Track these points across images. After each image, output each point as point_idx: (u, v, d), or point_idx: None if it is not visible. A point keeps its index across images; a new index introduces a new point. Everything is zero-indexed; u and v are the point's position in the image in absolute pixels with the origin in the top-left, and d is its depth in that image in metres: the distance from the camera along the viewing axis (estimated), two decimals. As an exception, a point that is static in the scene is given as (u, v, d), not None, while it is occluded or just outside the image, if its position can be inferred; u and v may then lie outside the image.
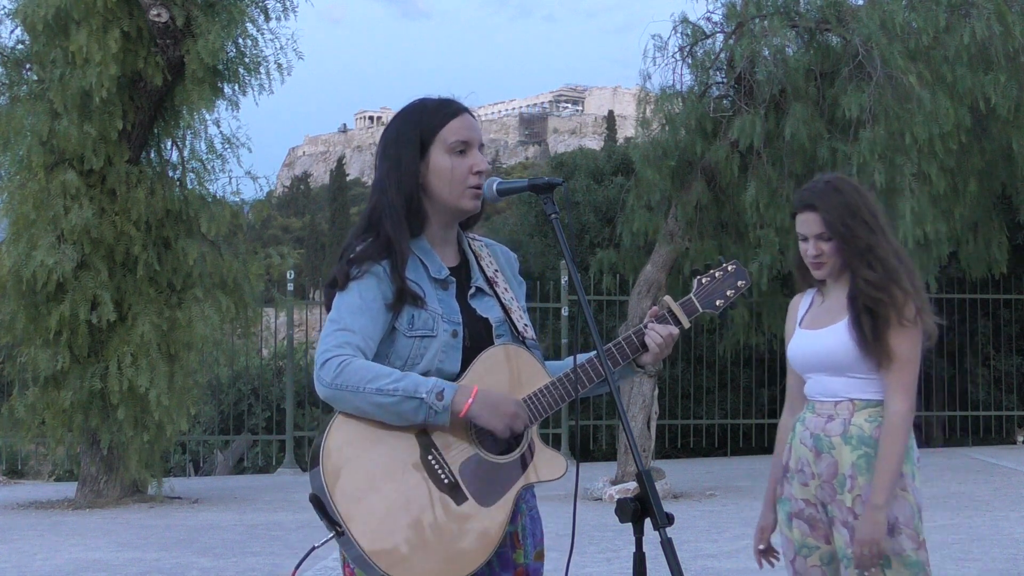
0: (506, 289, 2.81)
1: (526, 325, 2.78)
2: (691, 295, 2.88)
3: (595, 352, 2.70)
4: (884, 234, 3.39)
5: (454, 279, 2.74)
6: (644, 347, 2.79)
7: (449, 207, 2.73)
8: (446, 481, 2.57)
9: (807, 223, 3.41)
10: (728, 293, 2.90)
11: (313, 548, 2.69)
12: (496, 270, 2.84)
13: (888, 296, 3.32)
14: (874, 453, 3.32)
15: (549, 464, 2.69)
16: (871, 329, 3.31)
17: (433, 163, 2.70)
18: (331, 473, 2.51)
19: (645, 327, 2.80)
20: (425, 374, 2.62)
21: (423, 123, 2.71)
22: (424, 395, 2.52)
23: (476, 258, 2.82)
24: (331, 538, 2.57)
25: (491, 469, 2.61)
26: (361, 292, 2.62)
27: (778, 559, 3.60)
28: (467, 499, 2.57)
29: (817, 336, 3.45)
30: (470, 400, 2.55)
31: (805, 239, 3.43)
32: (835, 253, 3.39)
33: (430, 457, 2.57)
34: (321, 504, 2.53)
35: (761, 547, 3.62)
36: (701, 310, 2.87)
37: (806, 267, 3.50)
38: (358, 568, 2.58)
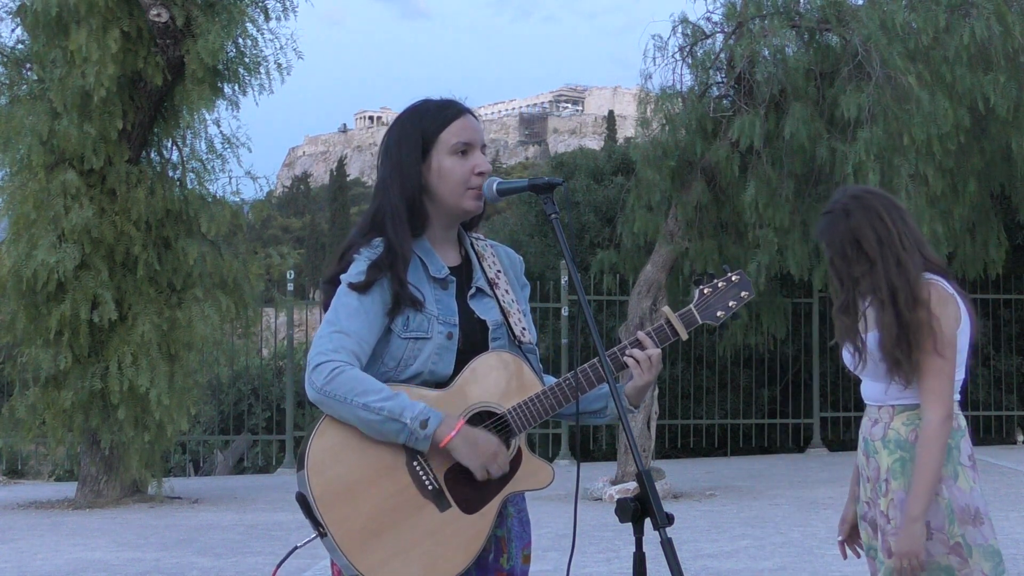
0: (507, 291, 2.80)
1: (524, 329, 2.77)
2: (691, 306, 2.84)
3: (593, 361, 2.69)
4: (884, 261, 3.36)
5: (454, 278, 2.73)
6: (626, 366, 2.77)
7: (451, 208, 2.73)
8: (430, 488, 2.57)
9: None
10: (730, 304, 2.86)
11: (295, 547, 2.71)
12: (499, 271, 2.83)
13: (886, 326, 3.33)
14: (909, 457, 3.33)
15: (535, 473, 2.68)
16: (888, 357, 3.33)
17: (435, 164, 2.70)
18: (316, 475, 2.52)
19: (629, 345, 2.76)
20: (418, 375, 2.63)
21: (425, 125, 2.71)
22: (408, 420, 2.53)
23: (479, 258, 2.81)
24: (313, 538, 2.59)
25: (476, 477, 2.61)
26: (360, 295, 2.63)
27: (863, 549, 3.62)
28: (451, 506, 2.57)
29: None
30: (452, 433, 2.55)
31: None
32: (837, 281, 3.48)
33: (415, 463, 2.58)
34: (306, 504, 2.54)
35: (840, 538, 3.66)
36: (700, 321, 2.83)
37: None
38: (345, 573, 2.59)
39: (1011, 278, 15.06)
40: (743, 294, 2.87)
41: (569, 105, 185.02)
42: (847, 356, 3.48)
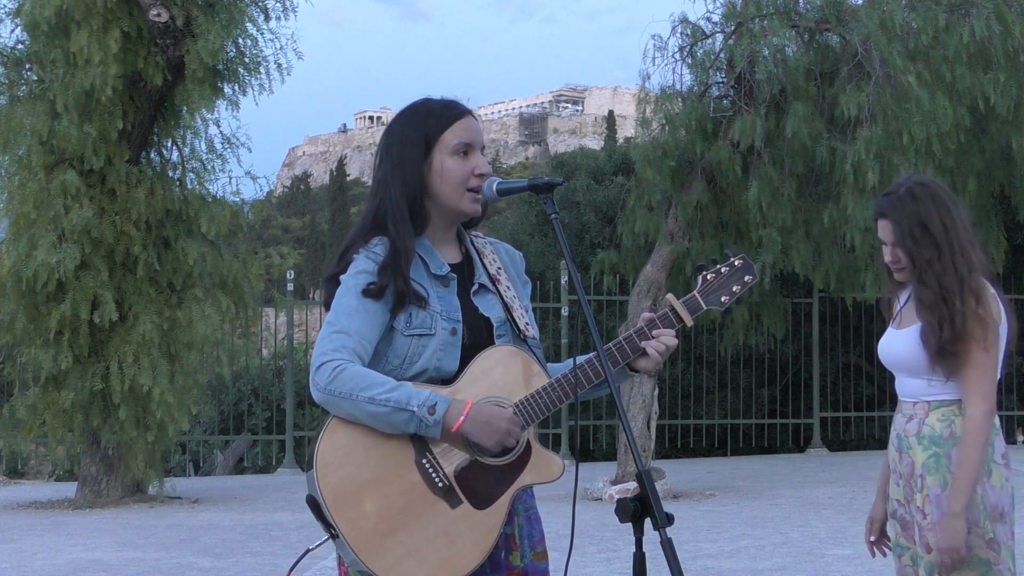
0: (508, 287, 2.80)
1: (527, 324, 2.77)
2: (694, 292, 2.81)
3: (592, 353, 2.68)
4: (951, 249, 3.38)
5: (455, 276, 2.73)
6: (643, 351, 2.74)
7: (450, 208, 2.73)
8: (440, 484, 2.56)
9: (884, 230, 3.47)
10: (735, 289, 2.82)
11: (308, 550, 2.70)
12: (499, 268, 2.82)
13: (939, 315, 3.34)
14: (943, 453, 3.35)
15: (545, 466, 2.68)
16: (935, 344, 3.35)
17: (436, 164, 2.70)
18: (325, 476, 2.51)
19: (647, 331, 2.74)
20: (423, 372, 2.62)
21: (427, 124, 2.71)
22: (415, 408, 2.52)
23: (479, 255, 2.81)
24: (325, 540, 2.58)
25: (486, 471, 2.60)
26: (359, 294, 2.62)
27: (891, 548, 3.62)
28: (462, 502, 2.56)
29: (898, 336, 3.50)
30: (462, 417, 2.54)
31: (884, 244, 3.50)
32: (909, 260, 3.45)
33: (424, 460, 2.57)
34: (317, 506, 2.53)
35: (872, 538, 3.66)
36: (705, 307, 2.80)
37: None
38: (353, 570, 2.59)
39: (1011, 278, 15.05)
40: (747, 278, 2.83)
41: (569, 105, 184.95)
42: (919, 337, 3.38)
